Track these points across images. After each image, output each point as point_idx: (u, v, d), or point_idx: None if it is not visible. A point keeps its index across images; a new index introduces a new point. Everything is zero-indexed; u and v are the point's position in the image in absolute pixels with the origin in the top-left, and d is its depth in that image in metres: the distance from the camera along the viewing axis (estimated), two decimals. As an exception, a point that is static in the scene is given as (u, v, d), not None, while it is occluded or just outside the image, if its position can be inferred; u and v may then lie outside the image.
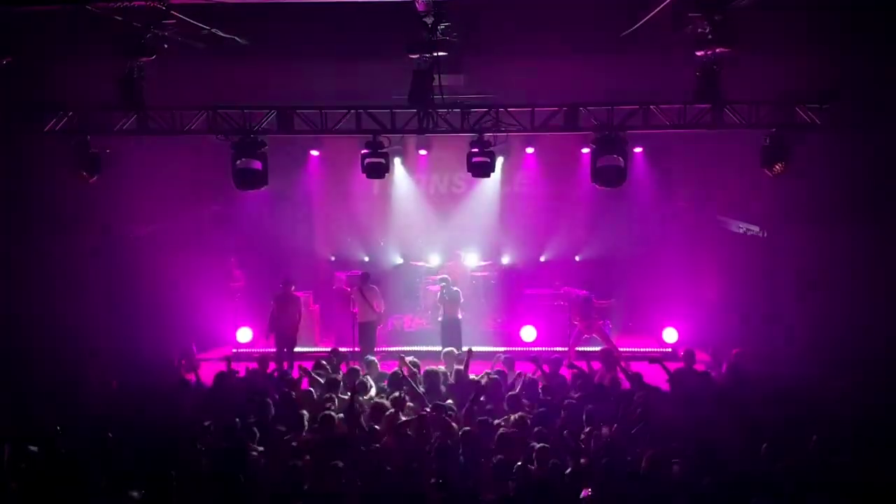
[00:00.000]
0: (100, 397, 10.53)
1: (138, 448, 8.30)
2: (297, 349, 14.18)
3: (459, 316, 14.54)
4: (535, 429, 8.75)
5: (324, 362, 11.58)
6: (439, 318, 14.60)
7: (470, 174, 12.87)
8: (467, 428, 8.67)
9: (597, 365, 11.56)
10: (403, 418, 9.07)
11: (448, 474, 7.55)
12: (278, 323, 14.07)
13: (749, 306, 14.74)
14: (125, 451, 8.26)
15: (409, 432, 8.62)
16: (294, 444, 8.58)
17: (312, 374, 11.01)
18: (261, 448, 8.49)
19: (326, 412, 9.01)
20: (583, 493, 7.15)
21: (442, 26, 9.88)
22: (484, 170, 12.47)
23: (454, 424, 8.94)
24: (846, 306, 13.14)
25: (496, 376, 10.64)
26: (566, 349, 14.10)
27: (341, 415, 9.14)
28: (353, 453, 8.10)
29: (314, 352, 13.83)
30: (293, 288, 14.31)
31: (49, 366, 11.78)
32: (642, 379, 10.59)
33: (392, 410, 9.29)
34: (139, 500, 6.88)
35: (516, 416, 9.10)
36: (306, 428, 9.06)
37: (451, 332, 14.30)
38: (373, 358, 11.93)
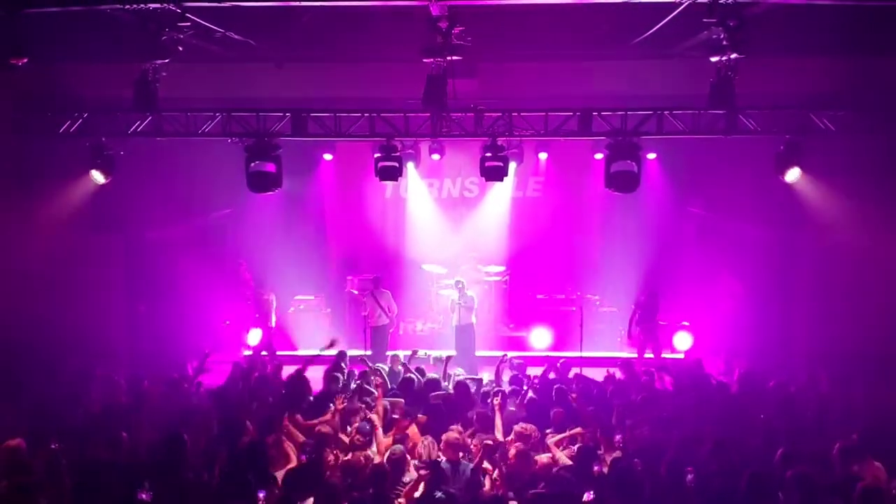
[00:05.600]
0: (108, 397, 10.53)
1: (148, 449, 8.32)
2: (305, 352, 14.25)
3: (473, 321, 14.53)
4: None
5: (337, 374, 11.57)
6: (453, 324, 14.58)
7: (483, 178, 12.89)
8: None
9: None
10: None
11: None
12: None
13: (763, 312, 14.68)
14: (134, 452, 8.28)
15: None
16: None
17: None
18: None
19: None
20: (585, 497, 7.10)
21: (456, 30, 9.87)
22: (497, 174, 12.47)
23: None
24: (862, 313, 13.06)
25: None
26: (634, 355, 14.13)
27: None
28: None
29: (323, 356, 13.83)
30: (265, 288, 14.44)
31: (60, 365, 11.80)
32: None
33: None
34: (148, 502, 6.86)
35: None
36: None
37: (464, 337, 14.29)
38: (397, 353, 12.25)
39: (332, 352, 12.05)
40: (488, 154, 12.32)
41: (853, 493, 6.69)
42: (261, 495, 7.01)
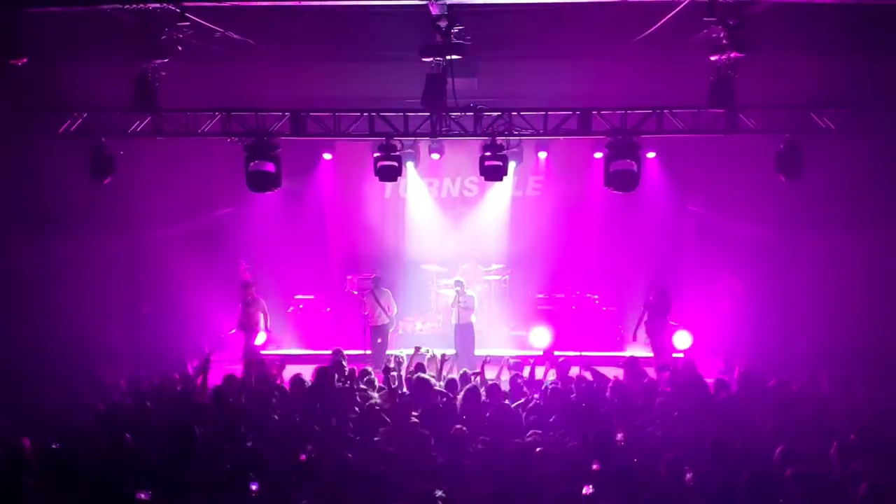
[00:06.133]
0: (110, 397, 10.53)
1: (147, 449, 8.31)
2: (308, 352, 14.23)
3: (473, 320, 14.54)
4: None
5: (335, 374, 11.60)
6: (453, 322, 14.58)
7: (482, 178, 12.88)
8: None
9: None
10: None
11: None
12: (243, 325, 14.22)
13: (763, 312, 14.68)
14: (134, 452, 8.27)
15: None
16: None
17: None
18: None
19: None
20: (584, 490, 7.10)
21: (455, 30, 9.88)
22: (496, 173, 12.47)
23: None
24: (862, 312, 13.07)
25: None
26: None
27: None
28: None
29: (322, 354, 13.84)
30: (253, 289, 14.33)
31: (62, 366, 11.80)
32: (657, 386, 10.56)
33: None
34: (147, 501, 6.85)
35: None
36: None
37: (464, 336, 14.28)
38: (399, 353, 12.22)
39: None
40: (488, 153, 12.32)
41: (855, 492, 6.68)
42: (254, 487, 7.02)
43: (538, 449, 8.07)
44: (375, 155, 12.56)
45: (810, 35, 11.10)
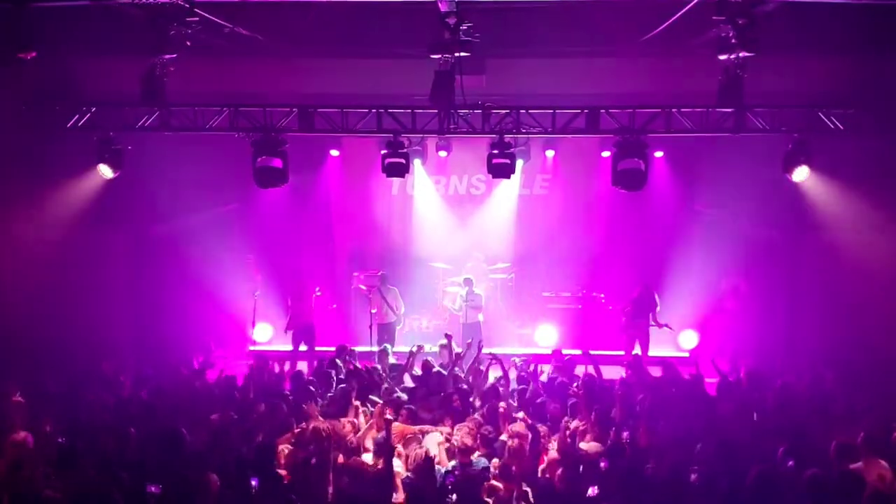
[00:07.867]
0: (116, 393, 10.56)
1: (155, 444, 8.34)
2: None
3: (480, 319, 14.54)
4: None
5: (338, 361, 11.64)
6: (461, 321, 14.59)
7: (490, 175, 12.88)
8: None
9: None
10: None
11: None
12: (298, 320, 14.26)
13: (768, 312, 14.65)
14: (142, 447, 8.30)
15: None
16: None
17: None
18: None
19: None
20: (590, 492, 7.10)
21: (464, 27, 9.86)
22: (504, 171, 12.47)
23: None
24: (869, 313, 13.04)
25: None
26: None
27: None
28: None
29: (325, 351, 13.86)
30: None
31: (67, 360, 11.83)
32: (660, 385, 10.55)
33: None
34: (157, 495, 6.87)
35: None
36: None
37: (472, 334, 14.29)
38: (386, 346, 12.23)
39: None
40: (495, 151, 12.32)
41: (860, 496, 6.66)
42: (254, 483, 7.04)
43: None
44: (383, 152, 12.56)
45: (819, 35, 11.05)
